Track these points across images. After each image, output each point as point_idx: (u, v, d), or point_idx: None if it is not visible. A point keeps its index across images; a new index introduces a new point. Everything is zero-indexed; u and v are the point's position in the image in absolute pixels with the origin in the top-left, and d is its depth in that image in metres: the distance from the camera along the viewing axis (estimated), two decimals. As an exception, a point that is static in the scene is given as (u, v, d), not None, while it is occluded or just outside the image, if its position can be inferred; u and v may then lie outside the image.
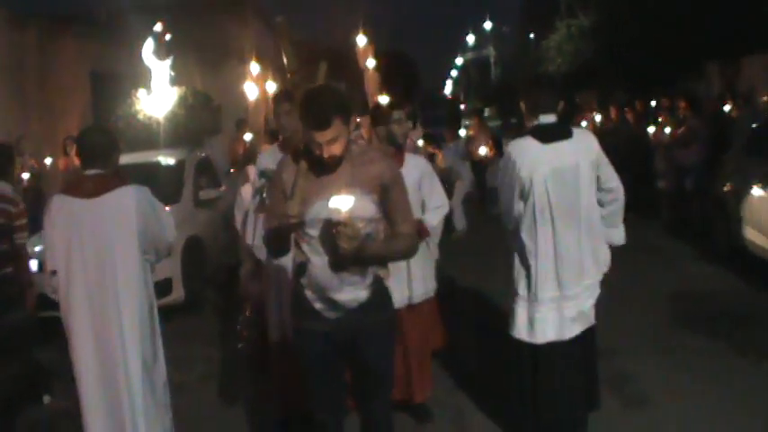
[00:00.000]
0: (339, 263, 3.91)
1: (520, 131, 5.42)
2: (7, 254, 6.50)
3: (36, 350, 7.19)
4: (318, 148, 3.82)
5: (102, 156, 5.02)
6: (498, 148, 17.12)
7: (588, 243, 5.23)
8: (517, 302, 5.27)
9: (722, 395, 6.12)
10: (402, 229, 4.08)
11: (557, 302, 5.16)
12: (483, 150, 15.83)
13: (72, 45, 16.83)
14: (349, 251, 3.75)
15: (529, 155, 5.12)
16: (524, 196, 5.14)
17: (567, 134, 5.23)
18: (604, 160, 5.32)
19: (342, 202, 3.65)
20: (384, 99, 6.07)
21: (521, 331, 5.24)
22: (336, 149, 3.84)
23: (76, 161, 11.28)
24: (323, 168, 3.93)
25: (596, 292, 5.33)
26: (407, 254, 4.31)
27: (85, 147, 5.09)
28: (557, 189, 5.10)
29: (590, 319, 5.32)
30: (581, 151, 5.21)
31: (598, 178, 5.29)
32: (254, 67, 8.70)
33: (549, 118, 5.24)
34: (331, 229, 3.74)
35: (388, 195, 4.00)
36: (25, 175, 11.64)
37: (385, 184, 3.98)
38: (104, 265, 4.88)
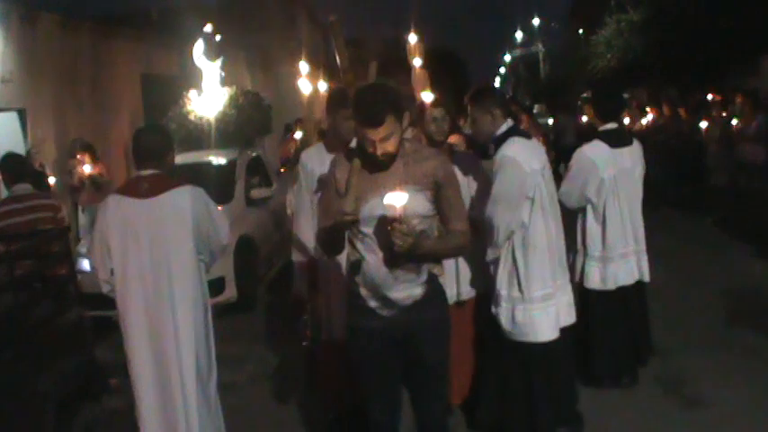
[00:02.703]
0: (394, 260, 3.91)
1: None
2: (60, 255, 6.64)
3: (93, 349, 7.27)
4: (372, 145, 3.84)
5: (158, 155, 5.00)
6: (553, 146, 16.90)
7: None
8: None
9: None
10: (456, 226, 4.09)
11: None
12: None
13: (123, 48, 16.97)
14: (404, 248, 3.74)
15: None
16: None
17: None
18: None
19: (396, 199, 3.64)
20: (428, 96, 6.02)
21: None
22: (390, 147, 3.86)
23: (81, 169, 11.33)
24: (376, 166, 3.93)
25: None
26: (462, 250, 4.38)
27: (141, 146, 5.03)
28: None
29: None
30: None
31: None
32: (304, 67, 8.69)
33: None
34: (386, 225, 3.74)
35: (442, 192, 4.01)
36: (51, 180, 11.67)
37: (438, 181, 3.99)
38: (160, 266, 4.89)
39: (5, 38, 13.60)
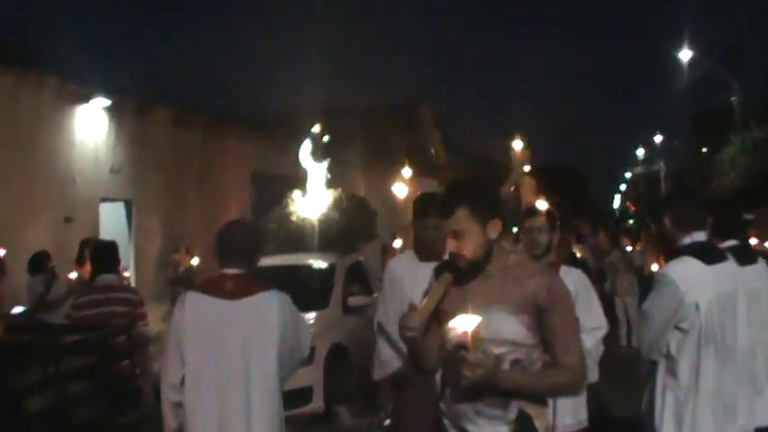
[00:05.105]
0: (475, 390, 3.37)
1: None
2: (122, 352, 6.39)
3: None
4: (450, 244, 3.47)
5: (245, 254, 4.67)
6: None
7: None
8: None
9: None
10: (562, 359, 3.48)
11: None
12: (655, 267, 14.99)
13: (235, 146, 17.24)
14: (473, 381, 3.21)
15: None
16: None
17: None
18: None
19: (465, 322, 3.17)
20: (543, 204, 5.59)
21: None
22: (464, 248, 3.46)
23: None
24: (468, 276, 3.52)
25: None
26: (567, 390, 3.68)
27: (228, 243, 4.68)
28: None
29: None
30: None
31: None
32: (407, 171, 8.44)
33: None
34: (455, 352, 3.23)
35: (545, 319, 3.46)
36: (126, 273, 11.54)
37: (540, 304, 3.45)
38: (238, 376, 4.48)
39: (117, 129, 13.92)
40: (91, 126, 13.64)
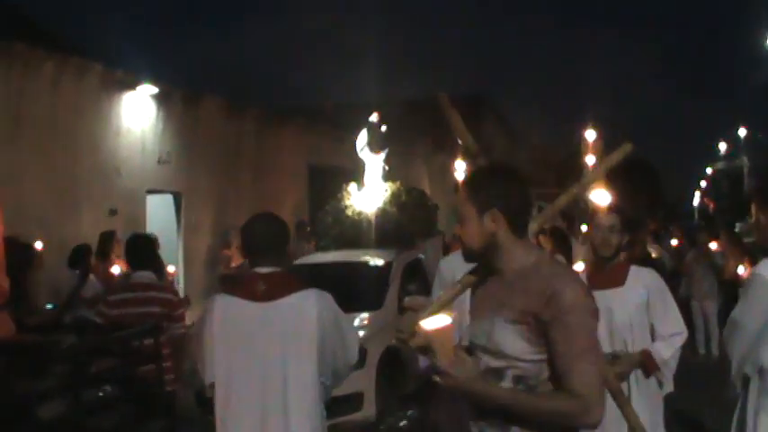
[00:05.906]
0: (478, 407, 3.08)
1: None
2: (150, 351, 5.99)
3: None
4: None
5: (275, 249, 4.35)
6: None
7: None
8: None
9: None
10: (564, 382, 2.95)
11: None
12: (741, 269, 14.17)
13: (290, 137, 17.12)
14: (445, 388, 2.97)
15: None
16: None
17: None
18: None
19: (433, 322, 2.91)
20: (600, 197, 5.07)
21: None
22: (462, 234, 3.20)
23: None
24: (483, 275, 3.29)
25: None
26: (568, 420, 3.01)
27: (255, 238, 4.36)
28: None
29: None
30: None
31: None
32: (460, 165, 7.98)
33: None
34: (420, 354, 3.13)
35: (549, 335, 2.97)
36: (171, 269, 11.02)
37: (540, 316, 2.97)
38: (273, 386, 4.15)
39: (166, 118, 13.67)
40: (138, 114, 13.43)
